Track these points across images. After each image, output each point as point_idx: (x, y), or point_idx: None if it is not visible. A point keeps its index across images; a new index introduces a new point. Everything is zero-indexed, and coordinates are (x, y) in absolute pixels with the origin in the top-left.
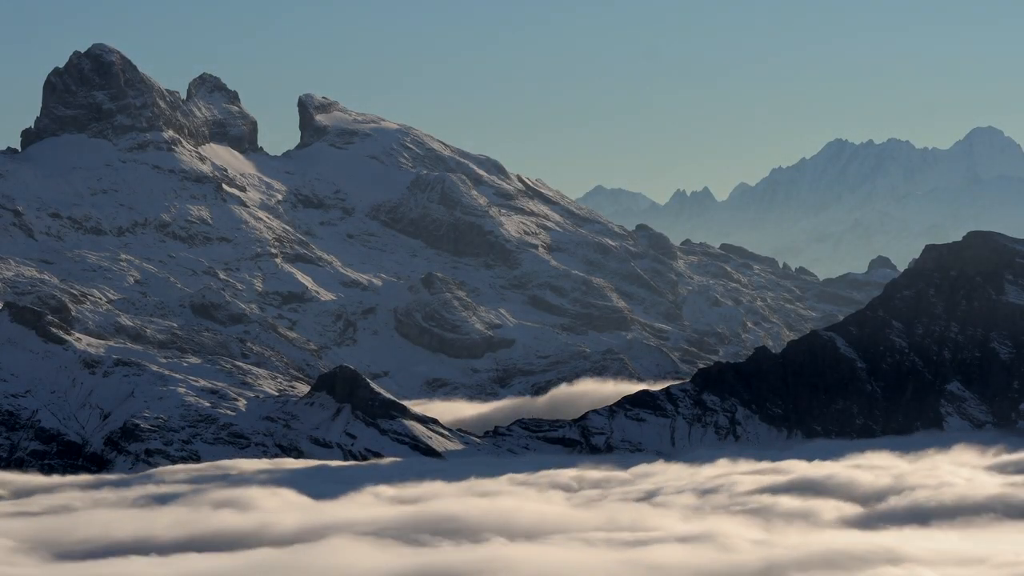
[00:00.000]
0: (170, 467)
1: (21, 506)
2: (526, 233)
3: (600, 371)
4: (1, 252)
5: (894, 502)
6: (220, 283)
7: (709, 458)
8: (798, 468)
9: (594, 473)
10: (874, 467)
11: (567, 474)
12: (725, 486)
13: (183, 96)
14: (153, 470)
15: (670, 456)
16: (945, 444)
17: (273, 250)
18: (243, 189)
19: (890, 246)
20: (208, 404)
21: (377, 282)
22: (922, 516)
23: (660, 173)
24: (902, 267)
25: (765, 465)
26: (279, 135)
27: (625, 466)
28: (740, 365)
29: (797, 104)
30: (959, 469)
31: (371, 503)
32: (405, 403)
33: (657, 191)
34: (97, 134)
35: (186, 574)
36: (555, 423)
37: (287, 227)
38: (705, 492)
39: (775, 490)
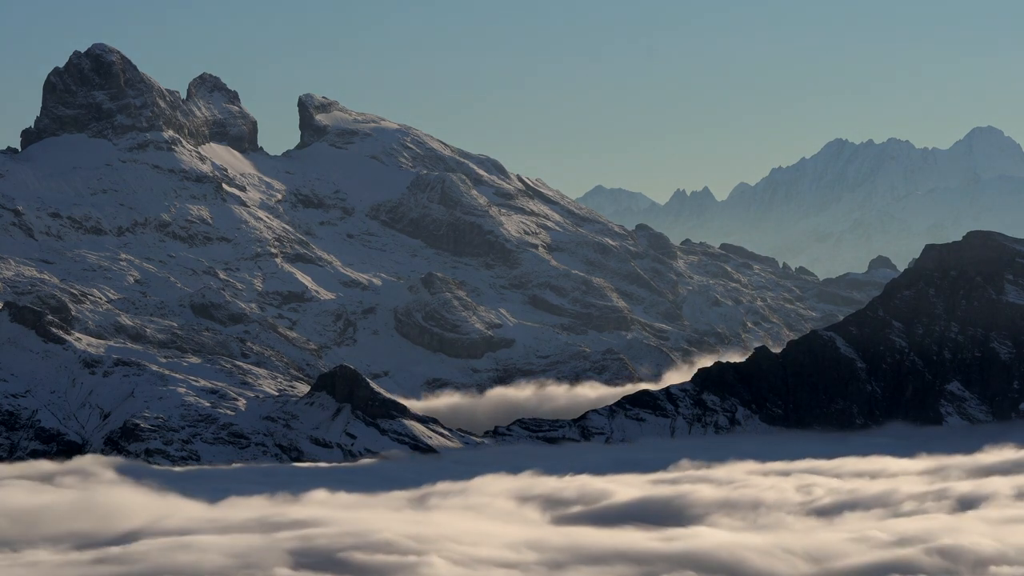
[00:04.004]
0: None
1: None
2: (526, 233)
3: (600, 371)
4: (1, 252)
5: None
6: (220, 283)
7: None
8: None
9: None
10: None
11: None
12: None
13: (183, 96)
14: None
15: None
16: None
17: (273, 250)
18: (243, 189)
19: (890, 246)
20: (208, 404)
21: (377, 282)
22: None
23: (660, 173)
24: (902, 267)
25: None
26: (279, 135)
27: None
28: (740, 365)
29: (797, 104)
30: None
31: None
32: (405, 403)
33: (657, 191)
34: (97, 134)
35: None
36: (555, 423)
37: (287, 227)
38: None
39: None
